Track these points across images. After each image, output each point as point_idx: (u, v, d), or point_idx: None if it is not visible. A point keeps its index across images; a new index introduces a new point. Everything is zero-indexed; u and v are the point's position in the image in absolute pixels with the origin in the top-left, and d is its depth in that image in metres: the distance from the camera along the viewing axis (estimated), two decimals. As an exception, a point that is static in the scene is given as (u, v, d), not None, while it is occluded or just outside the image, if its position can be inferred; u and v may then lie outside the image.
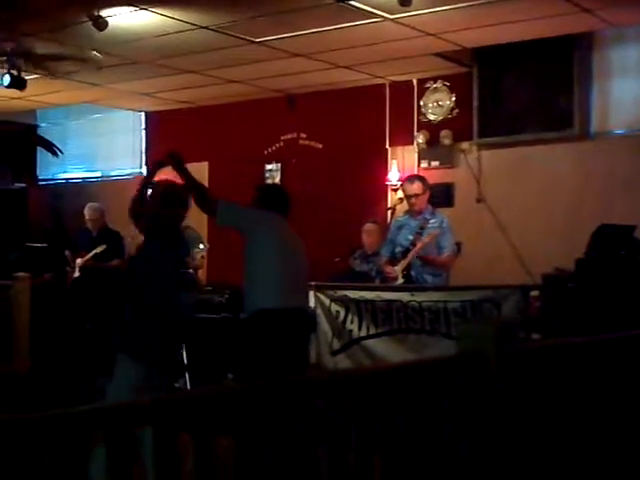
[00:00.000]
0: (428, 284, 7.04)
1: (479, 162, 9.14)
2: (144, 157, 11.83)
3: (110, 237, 9.44)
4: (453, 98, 9.37)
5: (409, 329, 6.85)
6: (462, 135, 9.21)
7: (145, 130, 11.86)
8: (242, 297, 5.57)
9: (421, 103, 9.58)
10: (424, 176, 7.71)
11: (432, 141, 9.41)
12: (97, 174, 12.25)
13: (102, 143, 12.20)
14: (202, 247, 8.25)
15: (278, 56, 8.50)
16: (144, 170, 11.74)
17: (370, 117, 9.86)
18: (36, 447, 1.72)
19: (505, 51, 8.54)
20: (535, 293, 6.56)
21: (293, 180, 10.21)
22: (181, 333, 5.38)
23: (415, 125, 9.59)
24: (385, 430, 2.45)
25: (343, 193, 9.85)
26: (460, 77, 9.23)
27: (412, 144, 9.60)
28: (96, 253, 9.24)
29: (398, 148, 9.75)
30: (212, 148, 10.94)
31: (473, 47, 8.53)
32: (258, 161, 10.57)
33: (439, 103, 9.46)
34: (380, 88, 9.79)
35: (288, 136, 10.50)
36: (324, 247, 8.65)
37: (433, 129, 9.44)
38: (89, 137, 12.33)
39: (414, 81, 9.60)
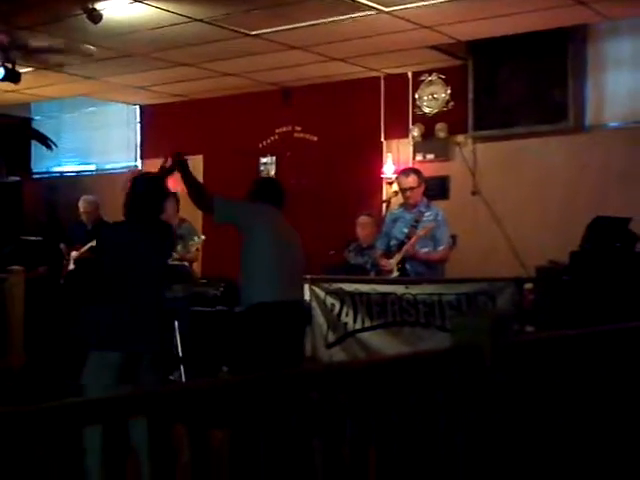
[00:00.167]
0: (423, 277, 7.04)
1: (474, 155, 9.14)
2: (139, 150, 11.82)
3: (105, 230, 9.43)
4: (448, 91, 9.37)
5: (404, 322, 6.85)
6: (457, 128, 9.21)
7: (140, 123, 11.83)
8: (237, 290, 5.58)
9: (416, 96, 9.57)
10: (419, 169, 7.71)
11: (427, 134, 9.40)
12: (92, 167, 12.23)
13: (97, 136, 12.17)
14: (197, 239, 8.23)
15: (273, 49, 8.49)
16: (139, 163, 11.74)
17: (365, 110, 9.85)
18: (31, 439, 1.72)
19: (500, 44, 8.54)
20: (529, 286, 6.56)
21: (288, 173, 10.19)
22: (162, 323, 5.13)
23: (410, 118, 9.58)
24: (380, 423, 2.46)
25: (338, 186, 9.84)
26: (455, 70, 9.23)
27: (407, 137, 9.60)
28: (91, 246, 9.21)
29: (393, 141, 9.74)
30: (207, 141, 10.92)
31: (468, 40, 8.52)
32: (253, 154, 10.56)
33: (434, 96, 9.46)
34: (375, 81, 9.78)
35: (283, 129, 10.49)
36: (319, 240, 8.64)
37: (428, 122, 9.44)
38: (84, 130, 12.30)
39: (409, 74, 9.59)
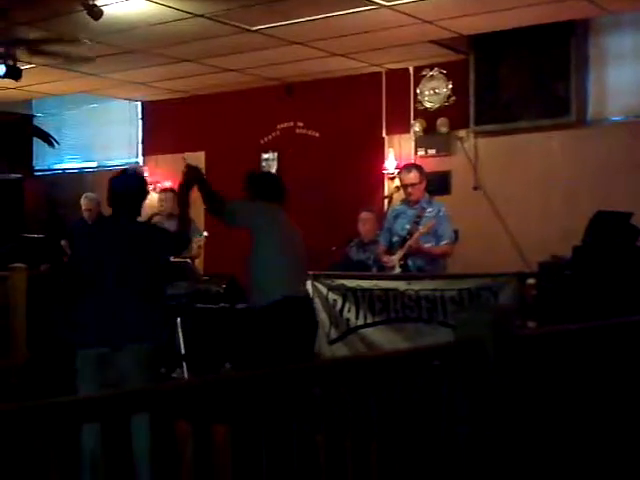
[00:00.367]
0: (425, 273, 7.03)
1: (476, 150, 9.13)
2: (140, 147, 11.82)
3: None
4: (450, 86, 9.35)
5: (406, 318, 6.83)
6: (459, 123, 9.20)
7: (141, 120, 11.83)
8: (240, 287, 5.52)
9: (417, 91, 9.56)
10: (421, 165, 7.69)
11: (429, 129, 9.40)
12: (93, 164, 12.23)
13: (98, 133, 12.17)
14: (200, 236, 8.23)
15: (274, 44, 8.48)
16: (140, 160, 11.73)
17: (366, 105, 9.85)
18: (33, 436, 1.72)
19: (502, 38, 8.53)
20: (532, 280, 6.55)
21: (290, 169, 10.20)
22: (149, 318, 4.70)
23: (412, 113, 9.58)
24: (382, 417, 2.46)
25: (340, 182, 9.83)
26: (456, 64, 9.22)
27: (409, 132, 9.59)
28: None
29: (395, 136, 9.73)
30: (209, 137, 10.92)
31: (469, 34, 8.52)
32: (255, 150, 10.56)
33: (435, 91, 9.45)
34: (376, 76, 9.77)
35: (284, 125, 10.49)
36: (321, 236, 8.63)
37: (430, 117, 9.43)
38: (85, 127, 12.31)
39: (410, 69, 9.58)
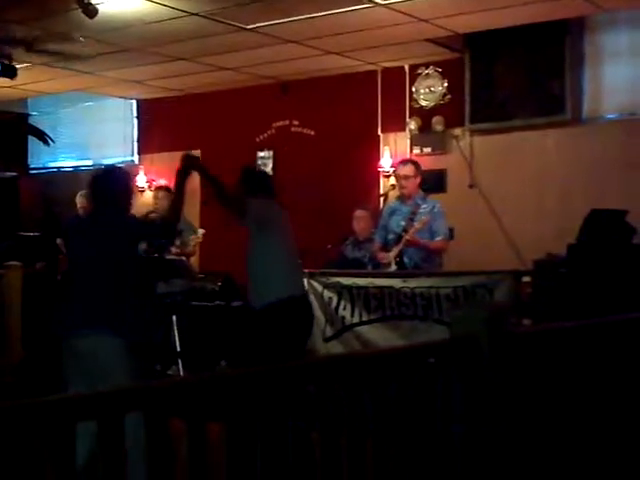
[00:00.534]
0: (420, 270, 7.03)
1: (471, 148, 9.13)
2: (136, 145, 11.81)
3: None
4: (445, 84, 9.36)
5: (402, 315, 6.84)
6: (454, 121, 9.21)
7: (137, 118, 11.82)
8: (235, 285, 5.49)
9: (413, 89, 9.56)
10: (418, 161, 7.71)
11: (424, 127, 9.40)
12: (89, 162, 12.20)
13: (94, 131, 12.16)
14: (198, 234, 8.22)
15: (269, 43, 8.47)
16: (136, 158, 11.72)
17: (362, 103, 9.84)
18: (27, 433, 1.72)
19: (497, 36, 8.53)
20: (527, 278, 6.55)
21: (285, 167, 10.21)
22: (126, 311, 4.48)
23: (407, 111, 9.58)
24: (377, 414, 2.46)
25: (335, 180, 9.83)
26: (452, 63, 9.22)
27: (404, 130, 9.59)
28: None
29: (390, 134, 9.73)
30: (204, 136, 10.91)
31: (465, 33, 8.52)
32: (250, 148, 10.56)
33: (431, 89, 9.45)
34: (372, 74, 9.77)
35: (280, 123, 10.48)
36: (317, 234, 8.64)
37: (425, 115, 9.43)
38: (81, 125, 12.29)
39: (406, 67, 9.58)
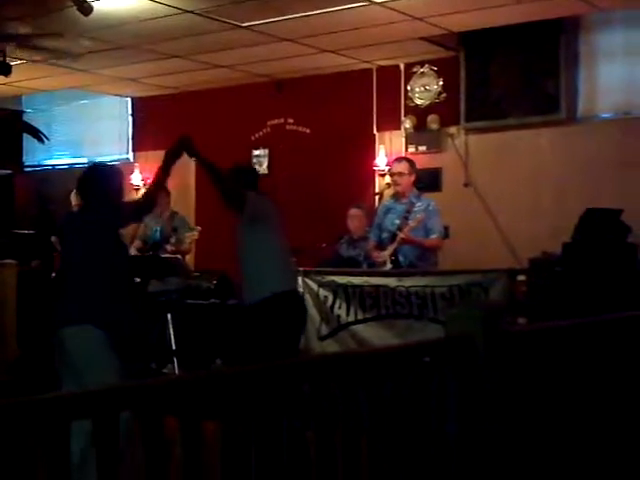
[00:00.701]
0: (416, 269, 7.03)
1: (466, 146, 9.14)
2: (131, 143, 11.79)
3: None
4: (440, 82, 9.35)
5: (397, 314, 6.84)
6: (449, 119, 9.21)
7: (131, 116, 11.81)
8: (230, 284, 5.47)
9: (408, 88, 9.56)
10: (413, 160, 7.71)
11: (419, 126, 9.40)
12: (84, 160, 12.18)
13: (89, 129, 12.13)
14: (194, 231, 8.21)
15: (264, 41, 8.46)
16: (131, 156, 11.71)
17: (357, 102, 9.84)
18: (22, 430, 1.72)
19: (492, 35, 8.53)
20: (522, 277, 6.56)
21: (281, 165, 10.20)
22: (109, 305, 4.42)
23: (402, 110, 9.57)
24: (372, 413, 2.46)
25: (331, 178, 9.82)
26: (447, 61, 9.22)
27: (399, 129, 9.59)
28: None
29: (385, 133, 9.73)
30: (199, 134, 10.82)
31: (460, 31, 8.52)
32: (246, 146, 10.54)
33: (426, 88, 9.44)
34: (367, 73, 9.76)
35: (275, 121, 10.47)
36: (312, 232, 8.64)
37: (420, 114, 9.43)
38: (75, 123, 12.27)
39: (401, 66, 9.58)
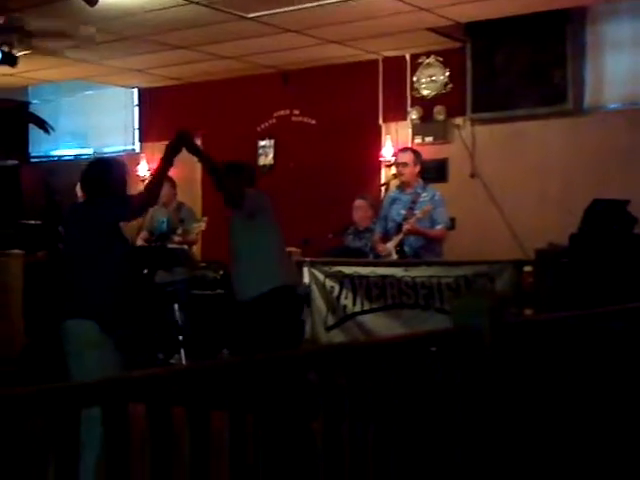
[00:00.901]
0: (422, 259, 7.03)
1: (473, 137, 9.12)
2: (137, 134, 11.79)
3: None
4: (447, 73, 9.33)
5: (403, 304, 6.85)
6: (456, 110, 9.19)
7: (138, 106, 11.80)
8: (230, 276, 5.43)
9: (414, 78, 9.54)
10: (419, 151, 7.70)
11: (426, 117, 9.38)
12: (89, 151, 12.20)
13: (95, 120, 12.13)
14: (201, 222, 8.21)
15: (270, 32, 8.45)
16: (137, 147, 11.71)
17: (363, 93, 9.82)
18: (29, 421, 1.72)
19: (498, 26, 8.50)
20: (528, 268, 6.56)
21: (287, 157, 10.20)
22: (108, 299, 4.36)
23: (408, 101, 9.56)
24: (378, 403, 2.46)
25: (337, 169, 9.81)
26: (453, 52, 9.19)
27: (406, 120, 9.57)
28: None
29: (392, 124, 9.71)
30: (205, 125, 10.88)
31: (466, 22, 8.49)
32: (251, 137, 10.54)
33: (432, 78, 9.42)
34: (373, 64, 9.74)
35: (281, 112, 10.46)
36: (318, 223, 8.64)
37: (426, 104, 9.41)
38: (81, 114, 12.27)
39: (407, 56, 9.56)
